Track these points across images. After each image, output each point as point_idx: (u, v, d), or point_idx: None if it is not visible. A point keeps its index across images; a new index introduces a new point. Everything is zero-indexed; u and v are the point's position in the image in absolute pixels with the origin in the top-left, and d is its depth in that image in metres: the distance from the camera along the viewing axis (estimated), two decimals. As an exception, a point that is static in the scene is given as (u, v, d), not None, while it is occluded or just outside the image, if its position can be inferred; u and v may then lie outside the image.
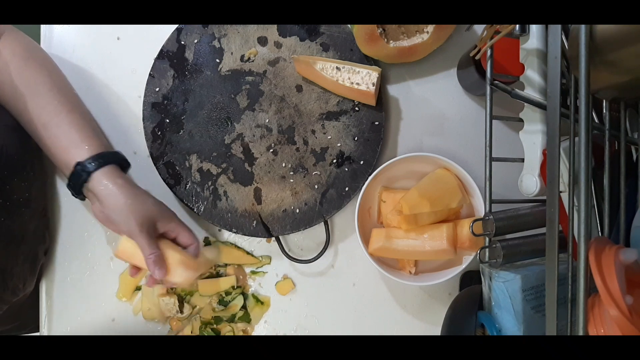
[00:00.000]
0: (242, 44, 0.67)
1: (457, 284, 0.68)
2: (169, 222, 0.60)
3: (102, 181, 0.56)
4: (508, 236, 0.52)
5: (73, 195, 0.60)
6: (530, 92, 0.50)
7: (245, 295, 0.69)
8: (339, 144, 0.67)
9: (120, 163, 0.60)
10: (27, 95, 0.57)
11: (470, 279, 0.66)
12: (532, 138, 0.51)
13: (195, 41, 0.67)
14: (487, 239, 0.52)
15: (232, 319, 0.69)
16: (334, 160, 0.67)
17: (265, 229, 0.67)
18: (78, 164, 0.56)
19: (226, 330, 0.69)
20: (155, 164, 0.67)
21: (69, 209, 0.70)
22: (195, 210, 0.67)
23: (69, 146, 0.57)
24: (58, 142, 0.57)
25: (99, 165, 0.56)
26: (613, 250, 0.38)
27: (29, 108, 0.57)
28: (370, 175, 0.62)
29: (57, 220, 0.70)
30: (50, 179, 0.70)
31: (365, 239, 0.63)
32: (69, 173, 0.57)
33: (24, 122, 0.59)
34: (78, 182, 0.57)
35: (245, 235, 0.68)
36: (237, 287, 0.69)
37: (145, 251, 0.56)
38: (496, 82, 0.51)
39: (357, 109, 0.66)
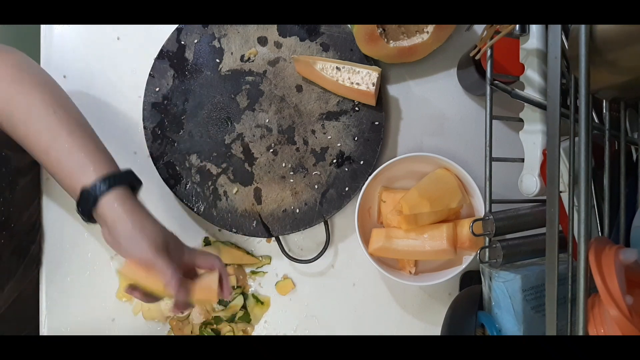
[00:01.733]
0: (242, 44, 0.67)
1: (457, 284, 0.68)
2: (182, 248, 0.56)
3: (110, 206, 0.51)
4: (508, 236, 0.52)
5: (84, 220, 0.54)
6: (530, 92, 0.50)
7: (245, 295, 0.69)
8: (339, 144, 0.67)
9: (130, 183, 0.55)
10: (23, 120, 0.53)
11: (470, 279, 0.66)
12: (532, 138, 0.51)
13: (195, 41, 0.67)
14: (487, 239, 0.52)
15: (232, 319, 0.69)
16: (334, 160, 0.67)
17: (265, 229, 0.67)
18: (84, 189, 0.51)
19: (226, 330, 0.69)
20: (155, 164, 0.67)
21: (68, 210, 0.70)
22: (195, 210, 0.67)
23: (72, 171, 0.52)
24: (61, 168, 0.53)
25: (106, 188, 0.51)
26: (613, 250, 0.38)
27: (28, 134, 0.53)
28: (370, 175, 0.62)
29: (57, 220, 0.70)
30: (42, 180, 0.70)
31: (365, 239, 0.63)
32: (76, 199, 0.52)
33: (27, 149, 0.54)
34: (86, 208, 0.52)
35: (245, 235, 0.68)
36: (237, 287, 0.69)
37: (166, 274, 0.51)
38: (496, 82, 0.51)
39: (357, 109, 0.66)
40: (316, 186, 0.67)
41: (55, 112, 0.54)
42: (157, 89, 0.67)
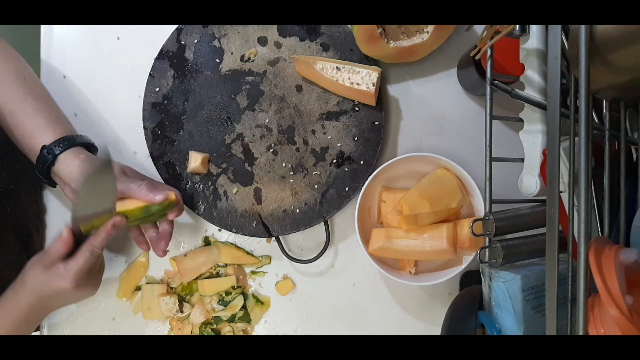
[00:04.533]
0: (242, 44, 0.67)
1: (457, 284, 0.68)
2: (140, 174, 0.60)
3: (67, 162, 0.57)
4: (508, 236, 0.52)
5: (42, 181, 0.60)
6: (530, 92, 0.50)
7: (245, 295, 0.69)
8: (339, 144, 0.67)
9: (86, 146, 0.60)
10: None
11: (470, 279, 0.66)
12: (532, 138, 0.51)
13: (195, 41, 0.67)
14: (487, 239, 0.52)
15: (232, 319, 0.69)
16: (334, 160, 0.67)
17: (265, 229, 0.67)
18: (44, 147, 0.57)
19: (226, 330, 0.69)
20: (155, 164, 0.67)
21: (68, 209, 0.70)
22: (195, 210, 0.67)
23: (34, 131, 0.58)
24: (24, 129, 0.58)
25: (64, 147, 0.57)
26: (613, 250, 0.38)
27: (0, 96, 0.58)
28: (370, 175, 0.62)
29: (57, 220, 0.70)
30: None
31: (365, 239, 0.63)
32: (36, 158, 0.57)
33: None
34: (45, 166, 0.57)
35: (245, 235, 0.68)
36: (237, 287, 0.69)
37: (132, 187, 0.56)
38: (496, 82, 0.51)
39: (357, 109, 0.67)
40: (316, 186, 0.67)
41: (25, 80, 0.60)
42: (157, 89, 0.67)
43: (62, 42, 0.70)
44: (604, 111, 0.48)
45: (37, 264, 0.55)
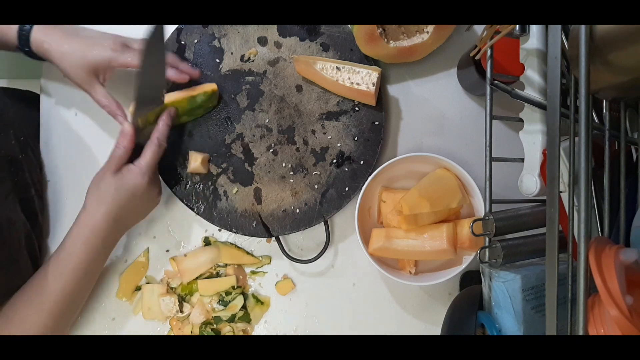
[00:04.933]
0: (242, 44, 0.67)
1: (457, 284, 0.68)
2: (124, 52, 0.60)
3: (42, 38, 0.59)
4: (508, 236, 0.52)
5: (36, 59, 0.62)
6: (530, 92, 0.50)
7: (245, 295, 0.69)
8: (339, 144, 0.67)
9: None
10: None
11: (470, 279, 0.66)
12: (532, 138, 0.51)
13: (195, 41, 0.67)
14: (487, 239, 0.52)
15: (232, 319, 0.69)
16: (334, 160, 0.67)
17: (265, 229, 0.67)
18: (16, 42, 0.59)
19: (226, 330, 0.69)
20: (155, 164, 0.67)
21: (69, 209, 0.70)
22: (195, 210, 0.67)
23: (5, 33, 0.60)
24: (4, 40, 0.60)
25: (29, 28, 0.59)
26: (613, 250, 0.38)
27: None
28: (370, 175, 0.62)
29: (57, 220, 0.70)
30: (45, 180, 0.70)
31: (365, 239, 0.63)
32: (21, 50, 0.60)
33: None
34: (27, 46, 0.59)
35: (245, 235, 0.68)
36: (237, 287, 0.69)
37: (100, 103, 0.61)
38: (496, 82, 0.51)
39: (357, 109, 0.66)
40: (316, 186, 0.67)
41: None
42: (157, 89, 0.67)
43: (62, 42, 0.70)
44: (604, 111, 0.48)
45: (104, 174, 0.58)
